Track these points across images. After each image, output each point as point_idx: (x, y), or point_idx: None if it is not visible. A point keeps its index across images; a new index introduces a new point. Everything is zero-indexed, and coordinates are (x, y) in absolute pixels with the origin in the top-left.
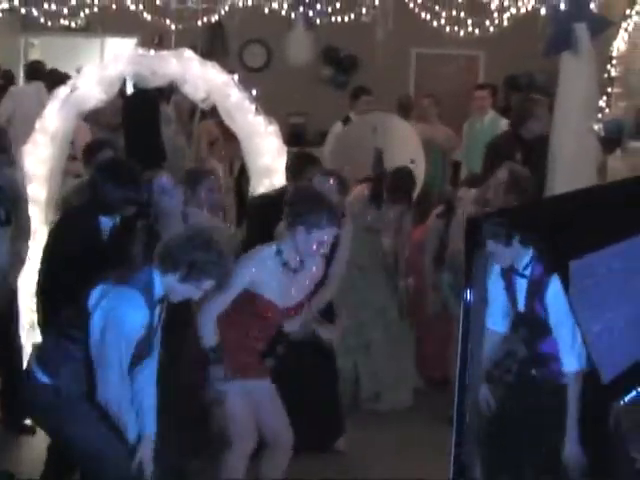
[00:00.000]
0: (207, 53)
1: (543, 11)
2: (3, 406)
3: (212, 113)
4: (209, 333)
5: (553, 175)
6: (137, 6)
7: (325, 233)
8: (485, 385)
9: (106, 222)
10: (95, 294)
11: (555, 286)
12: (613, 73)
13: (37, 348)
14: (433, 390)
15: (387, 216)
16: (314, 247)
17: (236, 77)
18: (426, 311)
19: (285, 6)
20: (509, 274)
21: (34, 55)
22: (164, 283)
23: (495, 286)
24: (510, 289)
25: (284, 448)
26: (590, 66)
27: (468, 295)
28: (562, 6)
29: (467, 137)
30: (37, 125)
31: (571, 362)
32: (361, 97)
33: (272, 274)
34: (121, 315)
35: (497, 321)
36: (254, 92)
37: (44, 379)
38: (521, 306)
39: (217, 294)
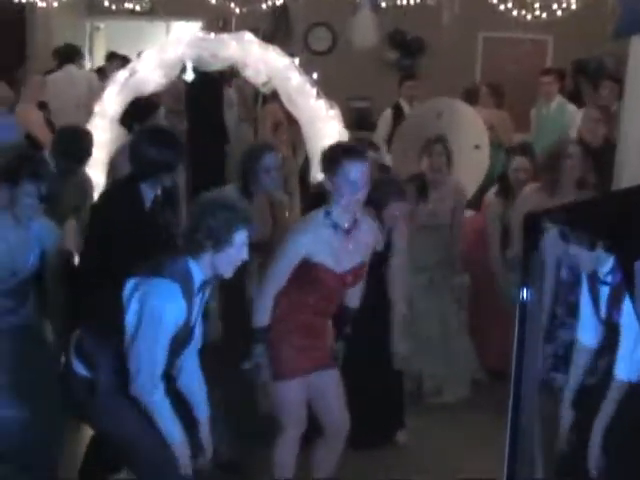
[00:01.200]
0: (271, 36)
1: None
2: None
3: (275, 97)
4: (263, 312)
5: (621, 164)
6: None
7: (359, 170)
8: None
9: (147, 192)
10: (129, 286)
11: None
12: None
13: (76, 339)
14: (495, 382)
15: (440, 210)
16: (353, 190)
17: (297, 60)
18: (490, 302)
19: None
20: (593, 282)
21: (99, 39)
22: (204, 266)
23: (584, 297)
24: (595, 299)
25: (340, 437)
26: None
27: (524, 295)
28: None
29: (535, 123)
30: (96, 109)
31: (624, 371)
32: (404, 82)
33: (324, 238)
34: (157, 309)
35: (588, 335)
36: (315, 75)
37: (82, 371)
38: (603, 316)
39: (272, 268)
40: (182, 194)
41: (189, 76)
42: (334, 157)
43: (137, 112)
